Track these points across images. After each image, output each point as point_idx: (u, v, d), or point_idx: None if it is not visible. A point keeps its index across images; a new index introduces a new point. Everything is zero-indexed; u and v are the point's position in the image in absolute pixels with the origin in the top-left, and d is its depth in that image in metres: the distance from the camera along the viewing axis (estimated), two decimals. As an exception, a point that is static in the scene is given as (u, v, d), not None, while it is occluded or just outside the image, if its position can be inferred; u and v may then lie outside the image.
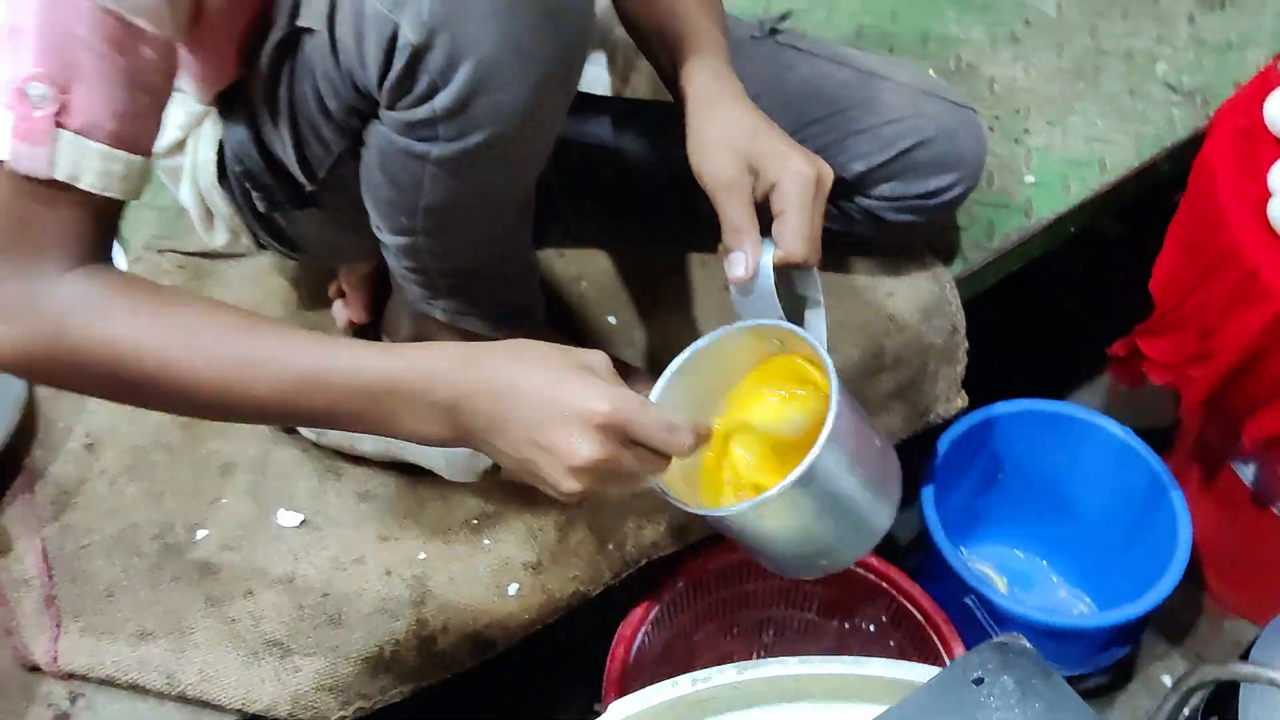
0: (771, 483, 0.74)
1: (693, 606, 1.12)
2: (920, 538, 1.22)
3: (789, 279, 0.86)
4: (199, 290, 1.14)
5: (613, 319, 1.13)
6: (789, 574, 0.86)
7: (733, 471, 0.82)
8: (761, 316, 0.82)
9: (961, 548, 1.32)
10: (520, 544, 0.97)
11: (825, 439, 0.72)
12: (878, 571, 1.10)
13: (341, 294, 1.11)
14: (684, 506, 0.77)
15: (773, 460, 0.81)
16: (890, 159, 1.06)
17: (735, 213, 0.83)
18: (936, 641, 1.06)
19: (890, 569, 1.10)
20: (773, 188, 0.83)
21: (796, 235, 0.82)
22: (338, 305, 1.11)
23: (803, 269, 0.84)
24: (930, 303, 1.14)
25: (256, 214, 0.95)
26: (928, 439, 1.20)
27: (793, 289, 0.87)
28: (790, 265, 0.83)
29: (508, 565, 0.96)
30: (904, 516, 1.34)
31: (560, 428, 0.68)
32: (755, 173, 0.84)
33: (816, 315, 0.86)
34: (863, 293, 1.14)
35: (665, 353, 0.79)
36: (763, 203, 0.85)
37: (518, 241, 0.93)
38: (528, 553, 0.97)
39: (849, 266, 1.16)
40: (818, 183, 0.83)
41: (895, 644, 1.12)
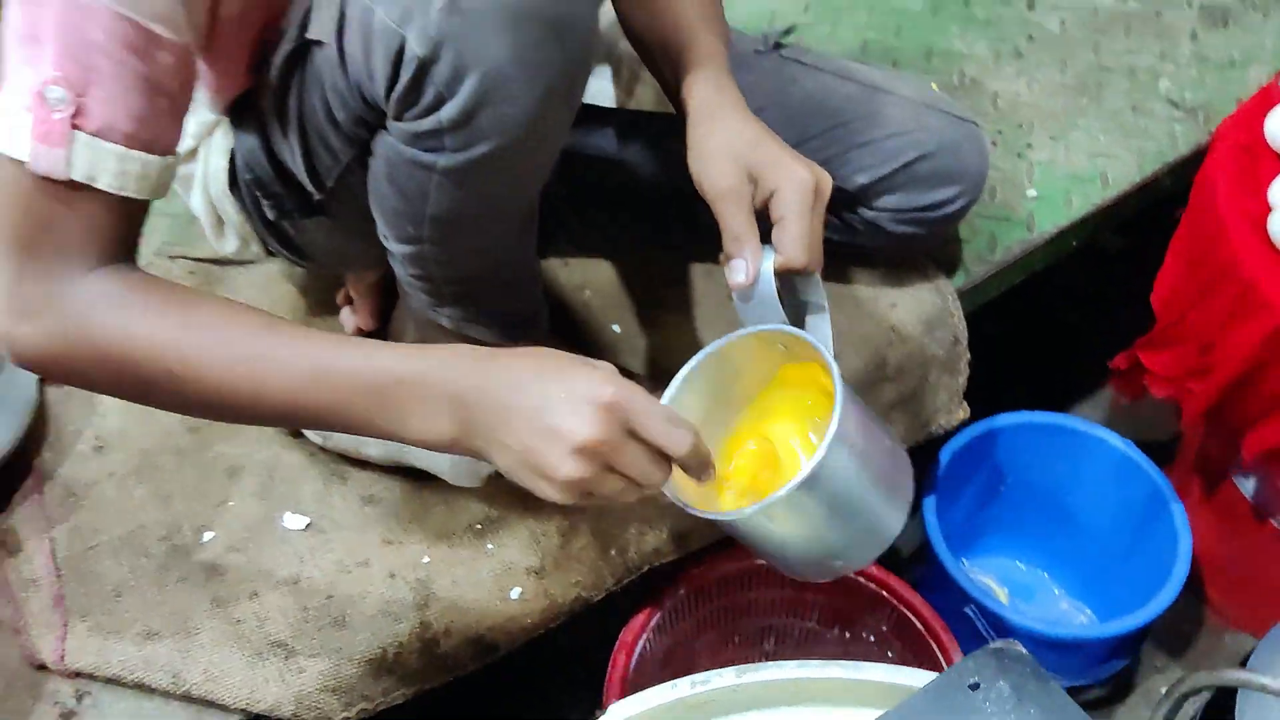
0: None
1: (694, 614, 1.12)
2: (922, 549, 1.22)
3: (793, 286, 0.87)
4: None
5: (617, 327, 1.14)
6: (801, 577, 0.86)
7: (747, 476, 0.83)
8: (764, 323, 0.82)
9: (963, 559, 1.32)
10: (523, 549, 0.98)
11: (830, 440, 0.72)
12: (878, 580, 1.10)
13: (349, 301, 1.12)
14: (691, 510, 0.77)
15: (786, 466, 0.82)
16: (893, 172, 1.07)
17: (735, 220, 0.83)
18: (937, 651, 1.06)
19: (891, 578, 1.10)
20: (772, 195, 0.84)
21: (796, 241, 0.82)
22: (345, 312, 1.13)
23: (805, 275, 0.85)
24: (932, 314, 1.15)
25: (266, 221, 0.96)
26: (930, 450, 1.21)
27: (797, 295, 0.87)
28: (791, 271, 0.83)
29: (510, 569, 0.97)
30: (906, 528, 1.35)
31: (565, 409, 0.68)
32: (754, 181, 0.85)
33: (821, 320, 0.86)
34: (865, 304, 1.15)
35: (668, 361, 0.80)
36: (763, 210, 0.85)
37: (522, 251, 0.94)
38: (530, 557, 0.97)
39: (852, 278, 1.17)
40: (816, 189, 0.84)
41: (895, 654, 1.12)
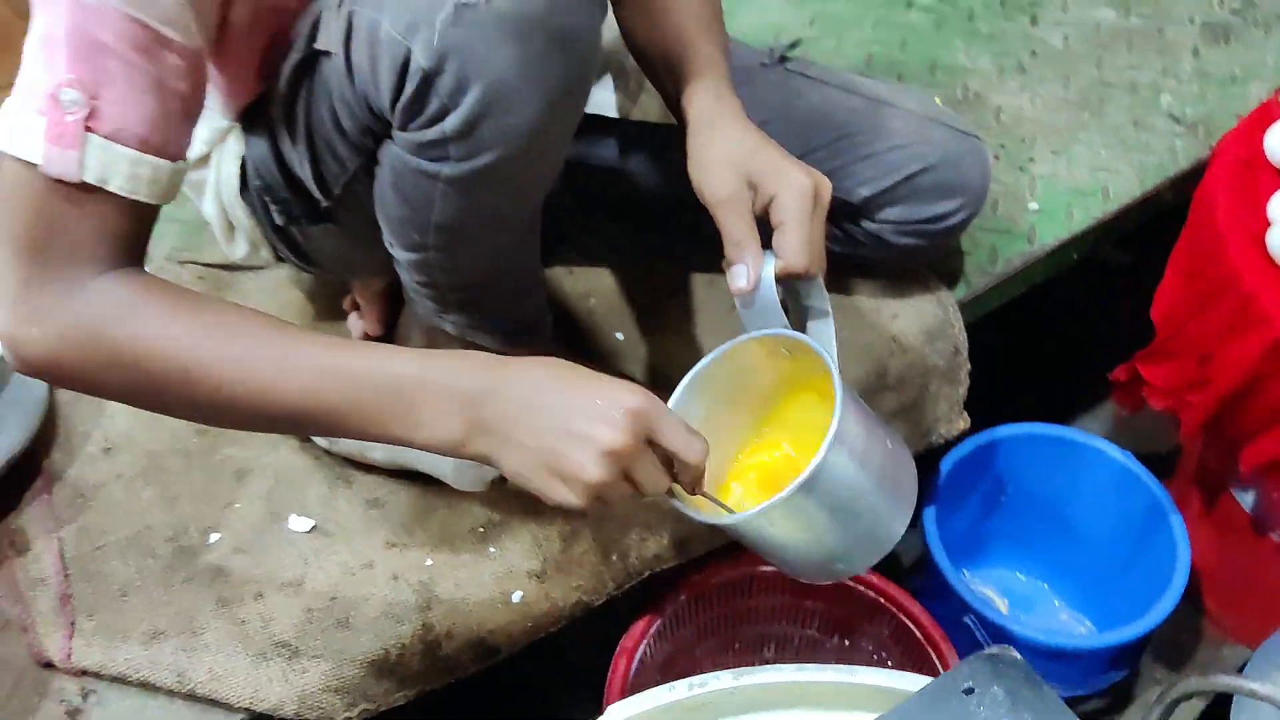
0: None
1: (694, 621, 1.13)
2: (923, 558, 1.22)
3: (796, 291, 0.87)
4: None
5: (620, 335, 1.15)
6: (804, 579, 0.87)
7: (752, 479, 0.84)
8: (766, 328, 0.82)
9: (964, 570, 1.33)
10: (525, 553, 0.99)
11: (828, 443, 0.73)
12: (878, 589, 1.11)
13: (356, 307, 1.14)
14: (691, 514, 0.78)
15: (789, 469, 0.82)
16: (895, 184, 1.08)
17: (735, 227, 0.84)
18: (935, 660, 1.07)
19: (891, 587, 1.10)
20: (771, 201, 0.84)
21: (796, 246, 0.82)
22: (352, 318, 1.14)
23: (808, 280, 0.85)
24: (933, 325, 1.16)
25: (275, 227, 0.98)
26: (931, 460, 1.21)
27: (800, 301, 0.87)
28: (792, 275, 0.83)
29: (512, 573, 0.97)
30: (907, 538, 1.35)
31: (594, 414, 0.70)
32: (754, 187, 0.85)
33: (824, 324, 0.86)
34: (867, 314, 1.16)
35: (670, 369, 0.81)
36: (763, 217, 0.86)
37: (526, 258, 0.95)
38: (532, 561, 0.98)
39: (854, 288, 1.18)
40: (815, 194, 0.84)
41: (895, 662, 1.13)
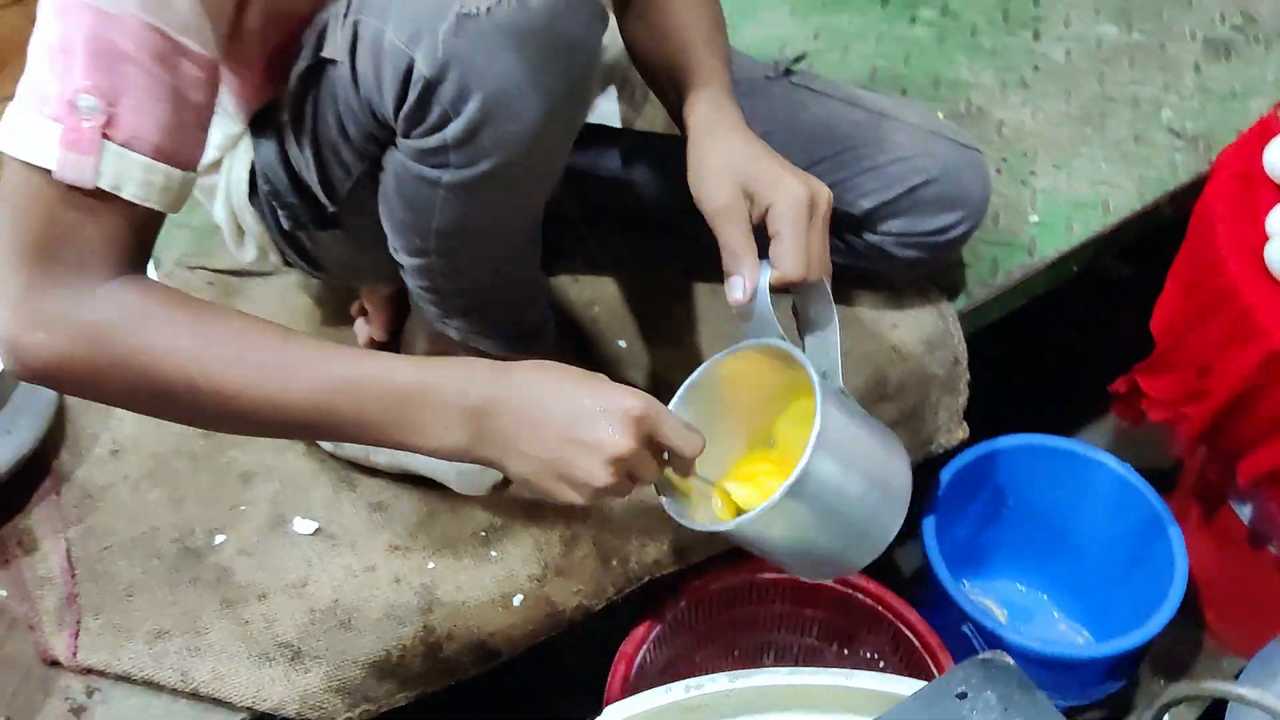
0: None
1: (695, 627, 1.13)
2: (923, 569, 1.22)
3: (801, 299, 0.86)
4: (228, 306, 1.18)
5: (623, 343, 1.16)
6: (803, 577, 0.88)
7: (747, 484, 0.85)
8: (761, 337, 0.83)
9: (964, 580, 1.33)
10: (526, 557, 0.99)
11: (811, 449, 0.73)
12: (877, 598, 1.12)
13: (363, 312, 1.15)
14: (686, 523, 0.79)
15: (783, 473, 0.83)
16: (897, 196, 1.09)
17: (733, 237, 0.84)
18: (933, 669, 1.07)
19: (890, 595, 1.11)
20: (767, 210, 0.85)
21: (790, 255, 0.82)
22: (359, 323, 1.15)
23: (810, 288, 0.85)
24: (933, 335, 1.17)
25: (283, 232, 0.99)
26: (931, 470, 1.22)
27: (805, 309, 0.87)
28: (789, 283, 0.83)
29: (513, 577, 0.98)
30: (907, 548, 1.36)
31: (600, 422, 0.72)
32: (751, 197, 0.85)
33: (829, 333, 0.85)
34: (868, 324, 1.17)
35: (672, 376, 0.82)
36: (761, 226, 0.86)
37: (527, 265, 0.96)
38: (533, 565, 0.99)
39: (855, 299, 1.19)
40: (811, 203, 0.84)
41: (893, 671, 1.13)
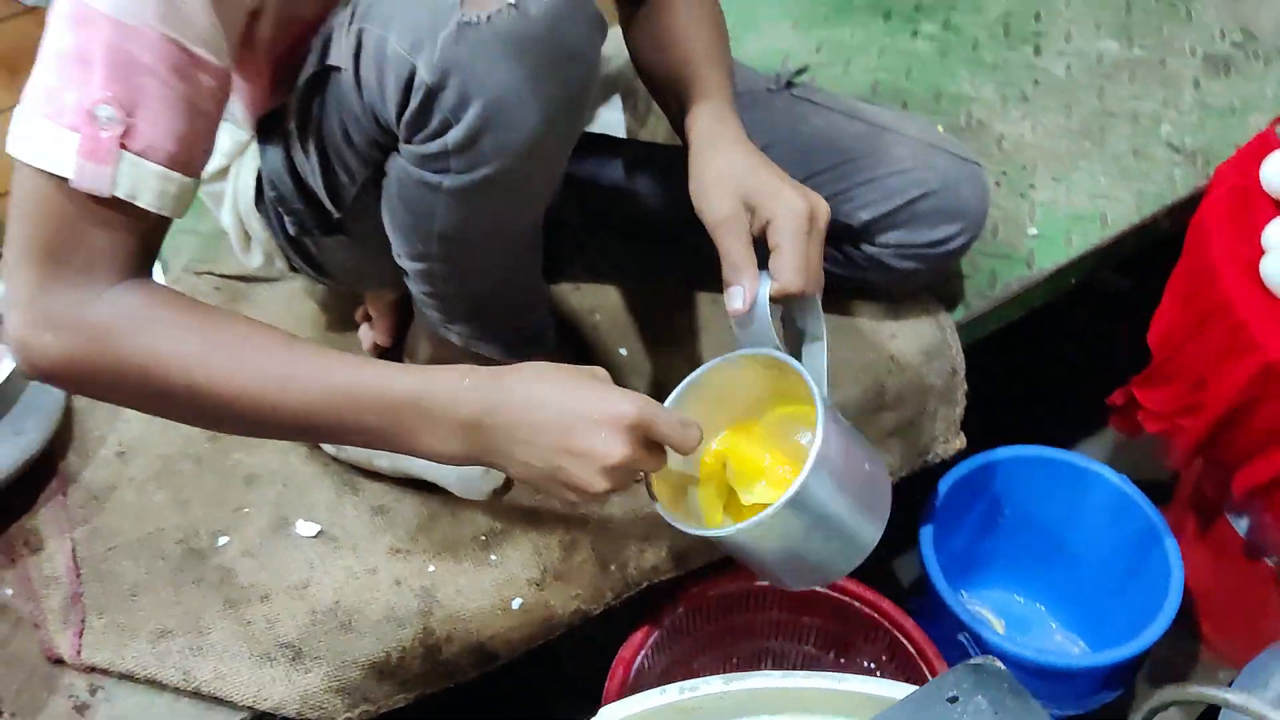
0: (768, 503, 0.77)
1: (693, 633, 1.14)
2: (921, 580, 1.23)
3: (793, 312, 0.88)
4: (234, 311, 1.19)
5: (624, 351, 1.17)
6: (790, 586, 0.89)
7: (725, 485, 0.86)
8: (759, 347, 0.84)
9: (961, 590, 1.34)
10: (525, 561, 1.00)
11: (811, 464, 0.75)
12: (874, 606, 1.12)
13: (367, 318, 1.16)
14: (681, 527, 0.80)
15: (772, 481, 0.85)
16: (896, 208, 1.09)
17: (733, 248, 0.85)
18: (929, 677, 1.08)
19: (886, 604, 1.12)
20: (768, 223, 0.85)
21: (790, 267, 0.83)
22: (364, 329, 1.16)
23: (804, 301, 0.86)
24: (931, 345, 1.17)
25: (288, 238, 1.00)
26: (929, 481, 1.23)
27: (796, 322, 0.88)
28: (787, 296, 0.84)
29: (513, 580, 0.99)
30: (904, 558, 1.37)
31: (593, 432, 0.73)
32: (751, 209, 0.86)
33: (818, 348, 0.87)
34: (866, 334, 1.18)
35: (672, 384, 0.83)
36: (761, 237, 0.86)
37: (527, 270, 0.97)
38: (532, 569, 1.00)
39: (854, 309, 1.20)
40: (811, 216, 0.85)
41: (889, 678, 1.14)
